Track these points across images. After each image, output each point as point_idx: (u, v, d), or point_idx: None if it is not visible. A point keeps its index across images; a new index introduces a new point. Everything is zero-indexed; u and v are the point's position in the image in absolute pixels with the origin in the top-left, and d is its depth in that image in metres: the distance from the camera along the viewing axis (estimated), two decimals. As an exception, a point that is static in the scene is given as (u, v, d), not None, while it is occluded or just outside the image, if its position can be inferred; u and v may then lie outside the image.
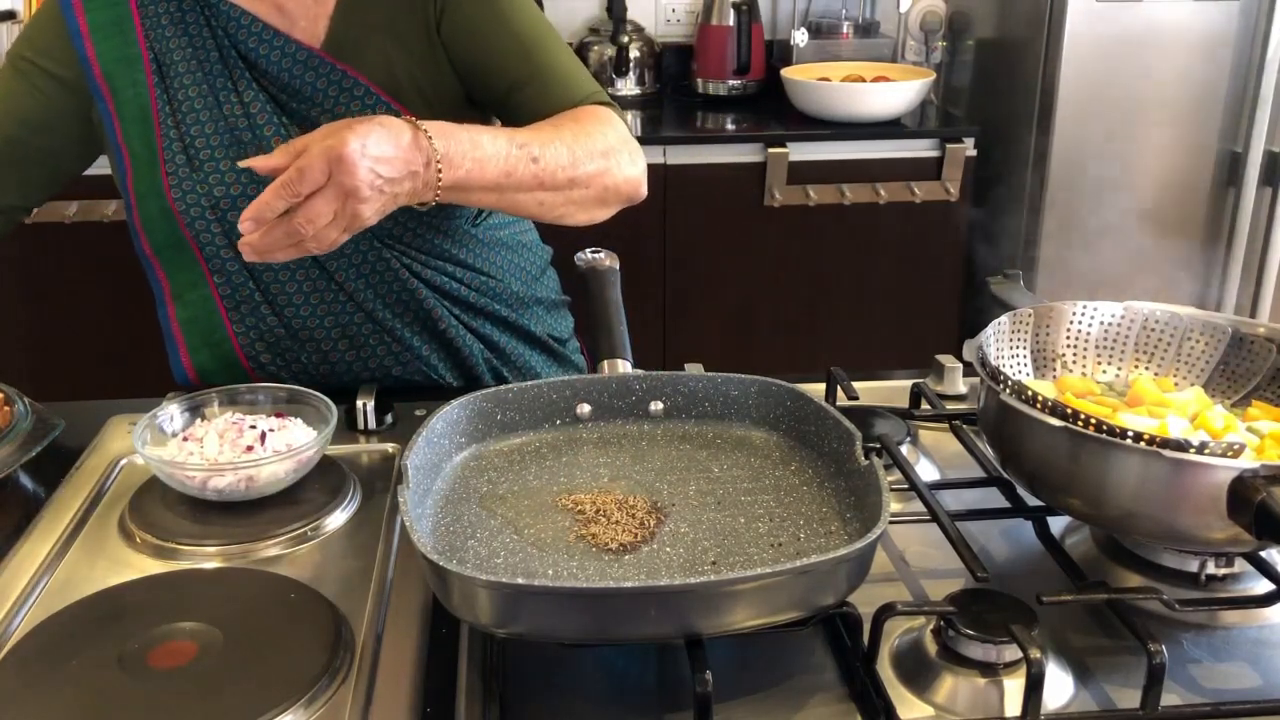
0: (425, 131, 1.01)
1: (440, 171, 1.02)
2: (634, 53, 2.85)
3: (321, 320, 1.25)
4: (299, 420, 1.04)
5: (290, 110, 1.20)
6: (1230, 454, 0.77)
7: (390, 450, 1.10)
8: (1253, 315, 2.63)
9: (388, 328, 1.26)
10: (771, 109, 2.78)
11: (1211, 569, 0.88)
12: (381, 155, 0.96)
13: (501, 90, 1.23)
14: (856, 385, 1.10)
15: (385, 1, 1.21)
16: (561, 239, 1.47)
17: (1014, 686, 0.75)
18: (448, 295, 1.29)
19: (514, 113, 1.24)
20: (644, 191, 1.23)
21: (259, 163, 0.99)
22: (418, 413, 1.12)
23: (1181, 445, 0.78)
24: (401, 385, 1.28)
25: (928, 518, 0.90)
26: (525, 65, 1.22)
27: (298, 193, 0.94)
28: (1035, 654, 0.71)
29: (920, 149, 2.59)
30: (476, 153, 1.05)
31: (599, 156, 1.15)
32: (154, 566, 0.92)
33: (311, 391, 1.06)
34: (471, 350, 1.31)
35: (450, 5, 1.21)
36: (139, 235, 1.24)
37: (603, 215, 1.21)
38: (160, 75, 1.19)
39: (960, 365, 1.21)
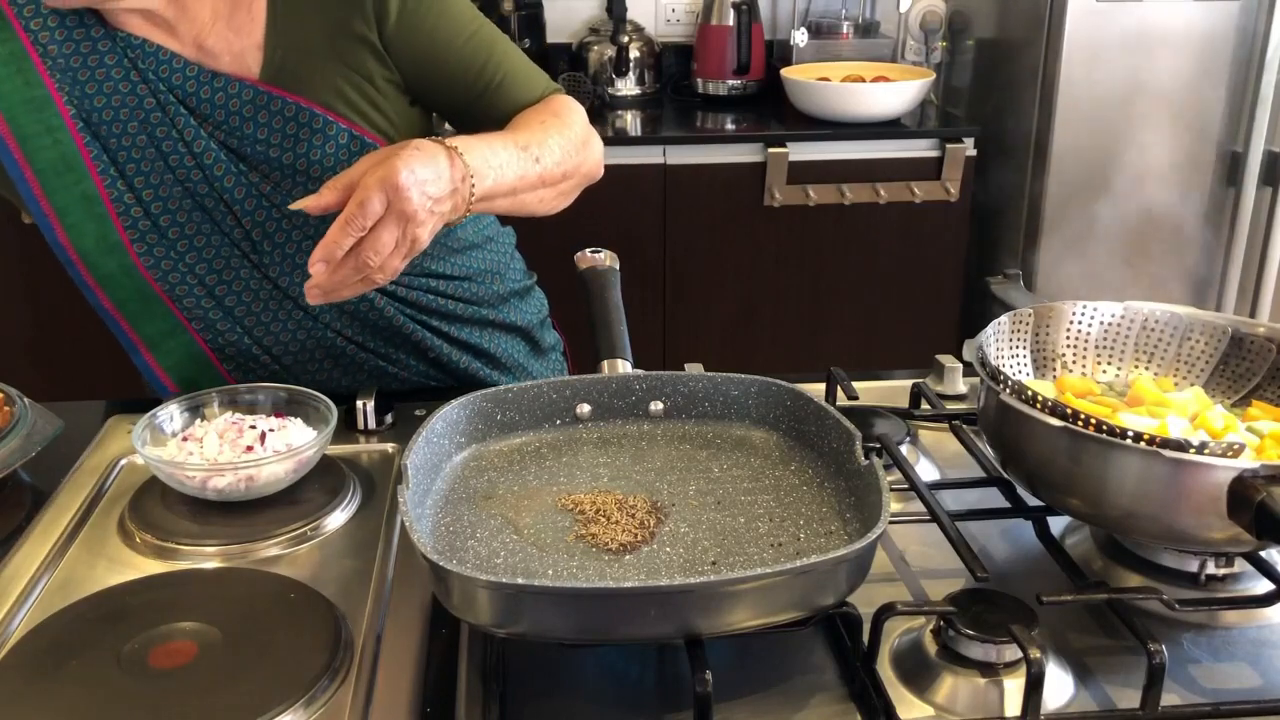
0: (455, 148, 1.02)
1: (473, 186, 1.03)
2: (634, 53, 2.85)
3: (312, 353, 1.23)
4: (299, 420, 1.04)
5: (244, 155, 1.13)
6: (1230, 454, 0.77)
7: (390, 450, 1.10)
8: (1253, 315, 2.63)
9: (379, 353, 1.25)
10: (771, 109, 2.78)
11: (1211, 569, 0.88)
12: (427, 177, 0.97)
13: (468, 97, 1.21)
14: (856, 385, 1.10)
15: (316, 23, 1.14)
16: (560, 238, 1.47)
17: (1014, 686, 0.75)
18: (429, 310, 1.27)
19: (477, 116, 1.21)
20: (602, 171, 1.26)
21: (310, 203, 0.98)
22: (418, 413, 1.13)
23: (1181, 445, 0.78)
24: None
25: (928, 518, 0.89)
26: (489, 71, 1.20)
27: (363, 226, 0.94)
28: (1035, 654, 0.71)
29: (920, 149, 2.59)
30: (494, 161, 1.06)
31: (581, 148, 1.18)
32: (154, 566, 0.92)
33: (311, 391, 1.06)
34: (458, 362, 1.30)
35: (396, 17, 1.14)
36: (93, 292, 1.17)
37: (572, 200, 1.24)
38: (85, 121, 1.10)
39: (960, 365, 1.21)
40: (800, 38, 2.79)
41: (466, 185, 1.02)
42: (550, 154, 1.13)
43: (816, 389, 1.07)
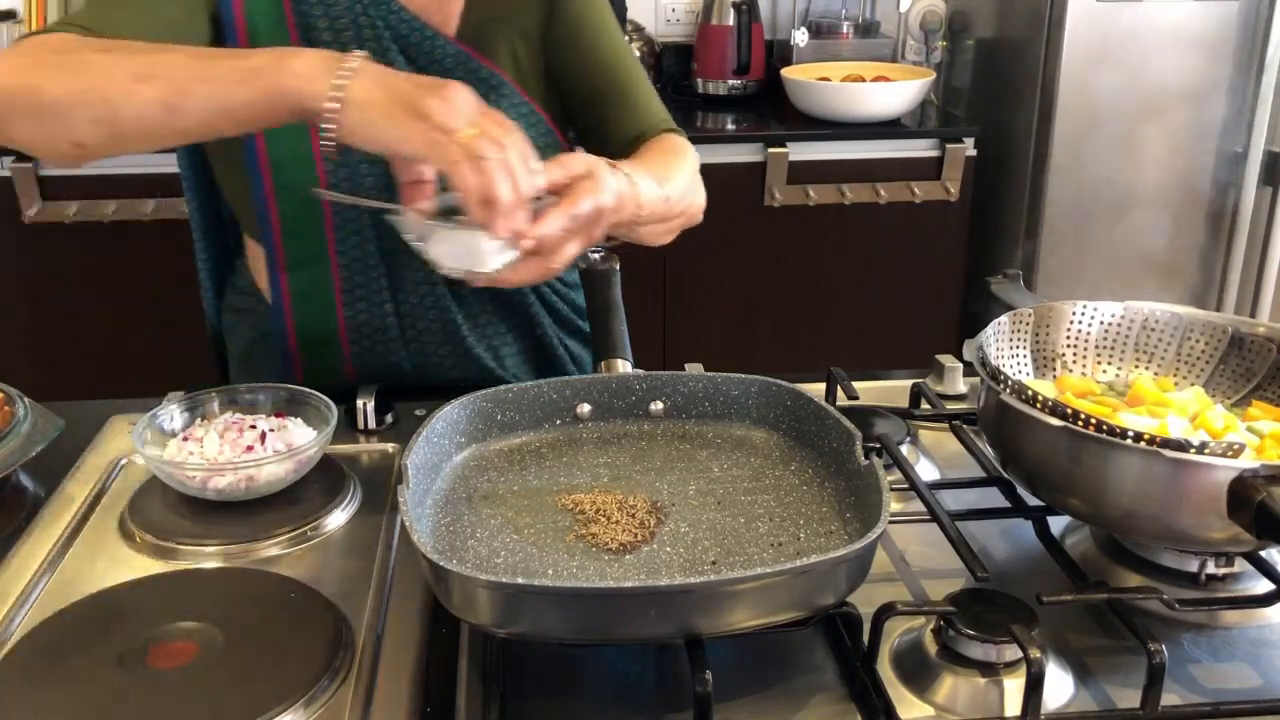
0: (631, 176, 1.02)
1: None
2: (634, 52, 2.85)
3: (426, 312, 1.25)
4: (299, 420, 1.04)
5: None
6: (1230, 454, 0.77)
7: (390, 450, 1.10)
8: (1253, 315, 2.63)
9: (490, 332, 1.28)
10: (771, 109, 2.78)
11: (1211, 569, 0.88)
12: (637, 202, 1.00)
13: (585, 97, 1.25)
14: (856, 385, 1.10)
15: None
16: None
17: (1014, 686, 0.75)
18: (547, 306, 1.32)
19: (593, 123, 1.26)
20: (701, 217, 1.26)
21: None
22: (418, 413, 1.13)
23: (1181, 445, 0.78)
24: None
25: (928, 518, 0.90)
26: (613, 77, 1.25)
27: (577, 222, 0.91)
28: (1035, 654, 0.71)
29: (920, 149, 2.59)
30: (649, 195, 1.05)
31: (694, 189, 1.20)
32: (154, 566, 0.92)
33: (312, 391, 1.06)
34: (562, 361, 1.34)
35: (561, 3, 1.22)
36: (265, 200, 1.19)
37: (671, 240, 1.24)
38: (307, 42, 1.15)
39: (960, 365, 1.21)
40: (800, 38, 2.79)
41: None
42: (675, 189, 1.13)
43: (816, 389, 1.07)
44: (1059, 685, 0.77)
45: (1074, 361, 1.04)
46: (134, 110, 0.90)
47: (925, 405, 1.14)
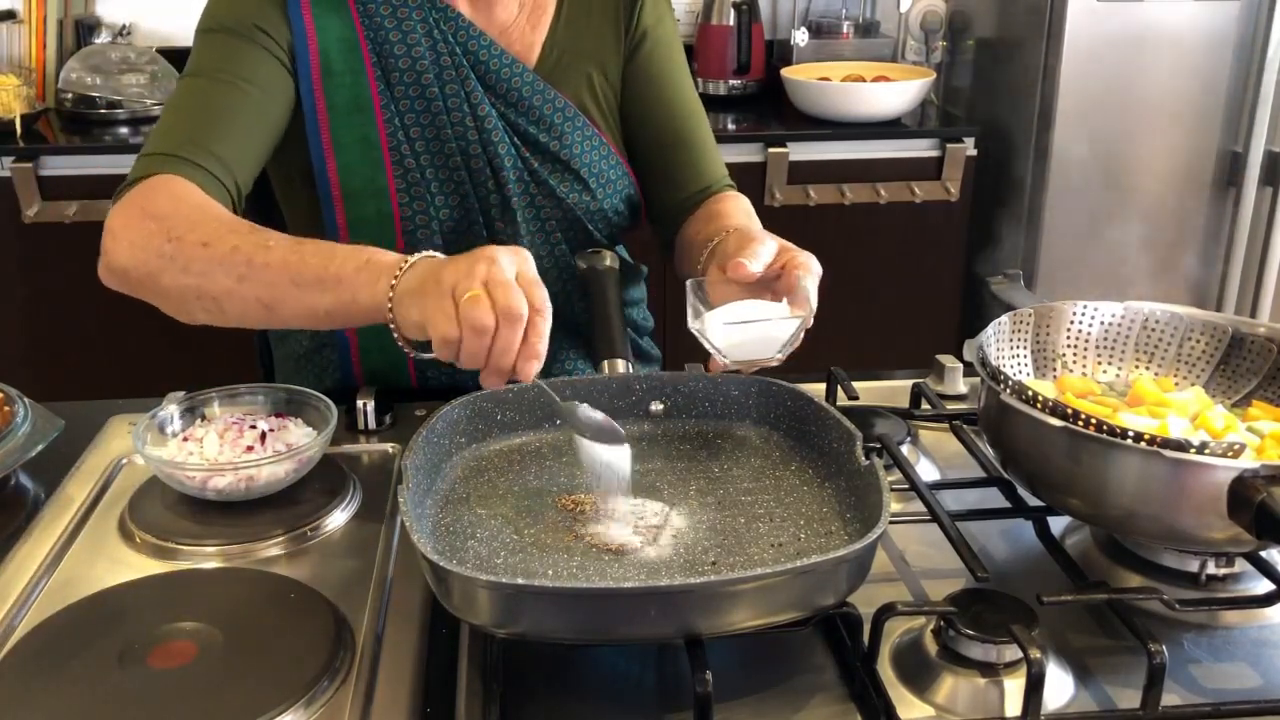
0: None
1: None
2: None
3: None
4: (299, 420, 1.04)
5: (518, 129, 1.21)
6: (1230, 454, 0.77)
7: (390, 450, 1.10)
8: (1253, 315, 2.63)
9: (556, 348, 1.28)
10: (771, 109, 2.78)
11: (1211, 569, 0.88)
12: None
13: (653, 141, 1.28)
14: (856, 385, 1.10)
15: (588, 32, 1.25)
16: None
17: (1014, 686, 0.75)
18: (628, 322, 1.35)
19: (657, 168, 1.29)
20: None
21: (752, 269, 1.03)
22: (418, 413, 1.13)
23: (1181, 445, 0.78)
24: None
25: (928, 518, 0.89)
26: (684, 126, 1.29)
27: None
28: (1035, 654, 0.71)
29: (920, 149, 2.59)
30: None
31: None
32: (154, 566, 0.92)
33: (312, 391, 1.06)
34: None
35: (644, 44, 1.26)
36: (337, 233, 1.19)
37: None
38: (381, 69, 1.17)
39: (960, 365, 1.21)
40: (800, 37, 2.79)
41: None
42: None
43: (816, 389, 1.07)
44: (1059, 685, 0.77)
45: (1074, 361, 1.04)
46: (238, 309, 0.99)
47: (925, 405, 1.14)
